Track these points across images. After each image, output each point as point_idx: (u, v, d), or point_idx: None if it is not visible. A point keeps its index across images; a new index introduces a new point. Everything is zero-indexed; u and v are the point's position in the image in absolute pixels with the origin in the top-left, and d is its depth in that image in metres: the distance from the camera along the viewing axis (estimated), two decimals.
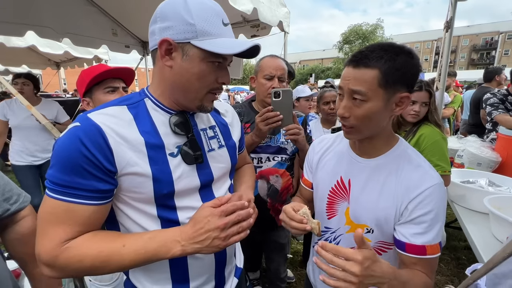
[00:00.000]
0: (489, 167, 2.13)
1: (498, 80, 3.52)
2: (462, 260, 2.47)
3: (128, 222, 0.70)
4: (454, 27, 2.59)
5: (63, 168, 0.59)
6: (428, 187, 0.73)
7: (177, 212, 0.72)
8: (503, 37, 42.39)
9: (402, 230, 0.76)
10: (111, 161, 0.61)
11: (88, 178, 0.60)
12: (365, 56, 0.71)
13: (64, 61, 5.65)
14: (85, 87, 1.26)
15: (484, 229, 1.42)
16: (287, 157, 1.47)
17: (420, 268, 0.76)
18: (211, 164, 0.79)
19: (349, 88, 0.73)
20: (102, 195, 0.62)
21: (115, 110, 0.67)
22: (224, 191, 0.83)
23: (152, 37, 0.67)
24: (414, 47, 48.74)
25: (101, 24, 3.20)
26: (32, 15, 2.66)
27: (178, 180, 0.69)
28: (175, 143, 0.71)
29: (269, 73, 1.34)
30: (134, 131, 0.66)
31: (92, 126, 0.61)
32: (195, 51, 0.64)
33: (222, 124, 0.89)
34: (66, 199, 0.59)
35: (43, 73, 9.07)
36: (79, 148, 0.58)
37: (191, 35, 0.63)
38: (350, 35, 36.22)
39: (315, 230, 0.78)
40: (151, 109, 0.71)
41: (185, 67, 0.65)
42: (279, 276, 1.70)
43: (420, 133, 1.54)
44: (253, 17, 2.72)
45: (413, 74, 0.72)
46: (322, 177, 0.94)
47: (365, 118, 0.74)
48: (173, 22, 0.63)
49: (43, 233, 0.60)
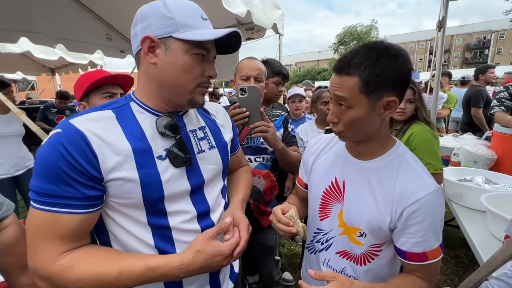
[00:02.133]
0: (485, 164, 2.14)
1: (483, 79, 3.56)
2: (461, 259, 2.47)
3: (118, 230, 0.68)
4: (447, 27, 2.62)
5: (46, 176, 0.57)
6: (424, 195, 0.72)
7: (168, 218, 0.70)
8: (495, 36, 42.98)
9: (401, 239, 0.75)
10: (96, 167, 0.59)
11: (73, 186, 0.58)
12: (345, 64, 0.70)
13: (59, 67, 5.64)
14: (83, 91, 1.26)
15: (481, 227, 1.42)
16: (268, 157, 1.46)
17: (419, 274, 0.76)
18: (201, 166, 0.77)
19: (334, 94, 0.74)
20: (90, 203, 0.61)
21: (99, 114, 0.65)
22: (216, 194, 0.82)
23: (135, 40, 0.68)
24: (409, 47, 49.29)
25: (95, 29, 3.20)
26: (25, 21, 2.65)
27: (168, 183, 0.68)
28: (163, 146, 0.69)
29: (245, 74, 1.37)
30: (119, 135, 0.64)
31: (74, 132, 0.59)
32: (177, 44, 0.65)
33: (213, 124, 0.88)
34: (52, 210, 0.57)
35: (38, 80, 9.02)
36: (62, 155, 0.56)
37: (172, 28, 0.64)
38: (345, 37, 36.49)
39: (300, 233, 0.78)
40: (137, 112, 0.70)
41: (170, 61, 0.65)
42: (272, 279, 1.68)
43: (410, 132, 1.53)
44: (247, 20, 2.73)
45: (399, 77, 0.69)
46: (317, 178, 0.94)
47: (351, 124, 0.74)
48: (153, 19, 0.64)
49: (36, 248, 0.58)
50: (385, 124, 0.79)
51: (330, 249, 0.90)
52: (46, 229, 0.58)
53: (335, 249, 0.88)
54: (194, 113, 0.84)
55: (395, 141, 0.83)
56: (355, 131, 0.76)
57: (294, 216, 0.80)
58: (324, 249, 0.92)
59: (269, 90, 1.80)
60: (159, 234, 0.69)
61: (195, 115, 0.84)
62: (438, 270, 0.78)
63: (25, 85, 10.56)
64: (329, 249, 0.90)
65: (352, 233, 0.83)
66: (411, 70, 0.72)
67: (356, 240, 0.82)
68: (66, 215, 0.58)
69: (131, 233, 0.67)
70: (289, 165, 1.40)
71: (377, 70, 0.67)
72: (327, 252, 0.91)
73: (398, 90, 0.71)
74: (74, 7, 2.89)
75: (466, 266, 2.36)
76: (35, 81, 9.45)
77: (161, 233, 0.69)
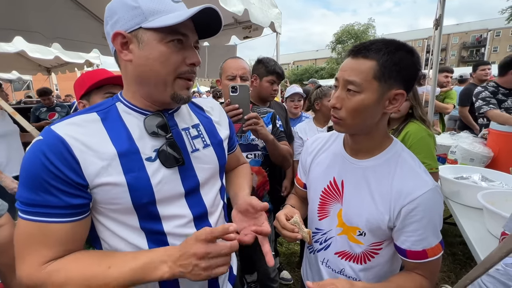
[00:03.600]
0: (481, 162, 2.15)
1: (475, 77, 3.56)
2: (458, 256, 2.49)
3: (110, 238, 0.66)
4: (444, 25, 2.62)
5: (30, 186, 0.56)
6: (422, 193, 0.72)
7: (162, 222, 0.67)
8: (491, 35, 43.19)
9: (401, 237, 0.76)
10: (79, 174, 0.58)
11: (56, 195, 0.56)
12: (365, 47, 0.71)
13: (55, 66, 5.59)
14: (84, 90, 1.26)
15: (478, 224, 1.43)
16: (259, 153, 1.50)
17: (419, 271, 0.76)
18: (195, 165, 0.73)
19: (344, 79, 0.73)
20: (75, 211, 0.59)
21: (82, 118, 0.63)
22: (213, 195, 0.79)
23: (108, 39, 0.64)
24: None
25: (91, 28, 3.16)
26: (20, 20, 2.62)
27: (159, 186, 0.65)
28: (152, 146, 0.66)
29: (231, 74, 1.41)
30: (103, 138, 0.62)
31: (55, 139, 0.57)
32: (149, 35, 0.60)
33: (207, 122, 0.83)
34: (38, 219, 0.56)
35: (33, 79, 8.93)
36: (43, 163, 0.55)
37: (139, 19, 0.59)
38: (343, 35, 36.54)
39: (306, 239, 0.79)
40: (123, 112, 0.67)
41: (144, 55, 0.61)
42: (269, 276, 1.68)
43: (405, 131, 1.53)
44: (244, 18, 2.72)
45: (411, 72, 0.71)
46: (315, 178, 0.93)
47: (355, 110, 0.73)
48: (120, 12, 0.60)
49: (21, 257, 0.57)
50: (384, 121, 0.79)
51: (328, 249, 0.90)
52: (31, 239, 0.57)
53: (334, 249, 0.88)
54: (187, 110, 0.80)
55: (392, 140, 0.83)
56: (356, 120, 0.75)
57: (298, 222, 0.80)
58: (322, 249, 0.92)
59: (264, 89, 1.80)
60: (154, 240, 0.67)
61: (188, 112, 0.80)
62: (439, 267, 0.79)
63: (21, 84, 10.46)
64: (328, 249, 0.90)
65: (351, 232, 0.83)
66: (420, 69, 0.74)
67: (355, 239, 0.83)
68: (51, 225, 0.57)
69: (125, 239, 0.65)
70: (280, 157, 1.45)
71: (395, 59, 0.68)
72: (326, 252, 0.91)
73: (407, 85, 0.72)
74: (70, 5, 2.85)
75: (463, 263, 2.38)
76: (30, 80, 9.36)
77: (155, 239, 0.67)
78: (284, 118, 2.06)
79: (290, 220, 0.80)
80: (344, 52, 19.82)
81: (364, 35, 34.99)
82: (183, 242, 0.61)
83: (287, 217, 0.82)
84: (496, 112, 2.42)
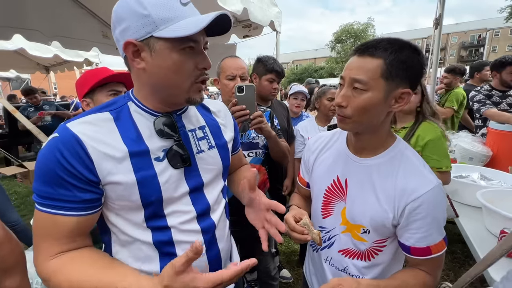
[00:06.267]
0: (480, 161, 2.17)
1: (478, 77, 3.47)
2: (457, 254, 2.50)
3: (118, 231, 0.69)
4: (443, 25, 2.63)
5: (45, 180, 0.59)
6: (426, 191, 0.72)
7: (167, 219, 0.70)
8: (490, 34, 43.27)
9: (405, 234, 0.76)
10: (92, 171, 0.60)
11: (69, 189, 0.59)
12: (372, 46, 0.71)
13: (54, 64, 5.56)
14: (88, 88, 1.26)
15: (477, 222, 1.44)
16: (260, 151, 1.52)
17: (423, 268, 0.77)
18: (200, 166, 0.76)
19: (350, 77, 0.73)
20: (87, 205, 0.62)
21: (97, 116, 0.65)
22: (216, 194, 0.81)
23: (118, 45, 0.64)
24: None
25: (91, 27, 3.15)
26: (19, 18, 2.60)
27: (166, 185, 0.67)
28: (161, 147, 0.68)
29: (230, 74, 1.40)
30: (115, 138, 0.64)
31: (70, 137, 0.59)
32: (161, 44, 0.60)
33: (213, 123, 0.85)
34: (51, 212, 0.59)
35: (32, 78, 8.89)
36: (58, 160, 0.58)
37: (150, 27, 0.59)
38: (342, 34, 36.45)
39: (316, 240, 0.79)
40: (135, 112, 0.69)
41: (157, 64, 0.61)
42: (269, 274, 1.69)
43: (418, 133, 1.51)
44: (244, 17, 2.72)
45: (417, 70, 0.72)
46: (319, 176, 0.94)
47: (361, 109, 0.73)
48: (129, 20, 0.59)
49: (37, 248, 0.61)
50: (389, 119, 0.80)
51: (332, 247, 0.90)
52: (44, 230, 0.61)
53: (337, 247, 0.89)
54: (194, 111, 0.82)
55: (396, 138, 0.84)
56: (362, 118, 0.75)
57: (308, 223, 0.80)
58: (326, 247, 0.92)
59: (263, 87, 1.80)
60: (159, 235, 0.69)
61: (195, 114, 0.81)
62: (442, 263, 0.79)
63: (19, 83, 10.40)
64: (331, 247, 0.90)
65: (355, 230, 0.83)
66: (425, 68, 0.74)
67: (359, 237, 0.83)
68: (63, 217, 0.60)
69: (131, 235, 0.67)
70: (280, 154, 1.48)
71: (402, 58, 0.69)
72: (329, 250, 0.91)
73: (413, 83, 0.73)
74: (70, 3, 2.84)
75: (462, 262, 2.39)
76: (29, 79, 9.31)
77: (160, 234, 0.69)
78: (286, 117, 2.06)
79: (299, 222, 0.80)
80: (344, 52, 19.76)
81: (363, 34, 34.95)
82: (162, 285, 0.53)
83: (296, 219, 0.82)
84: (495, 111, 2.43)
